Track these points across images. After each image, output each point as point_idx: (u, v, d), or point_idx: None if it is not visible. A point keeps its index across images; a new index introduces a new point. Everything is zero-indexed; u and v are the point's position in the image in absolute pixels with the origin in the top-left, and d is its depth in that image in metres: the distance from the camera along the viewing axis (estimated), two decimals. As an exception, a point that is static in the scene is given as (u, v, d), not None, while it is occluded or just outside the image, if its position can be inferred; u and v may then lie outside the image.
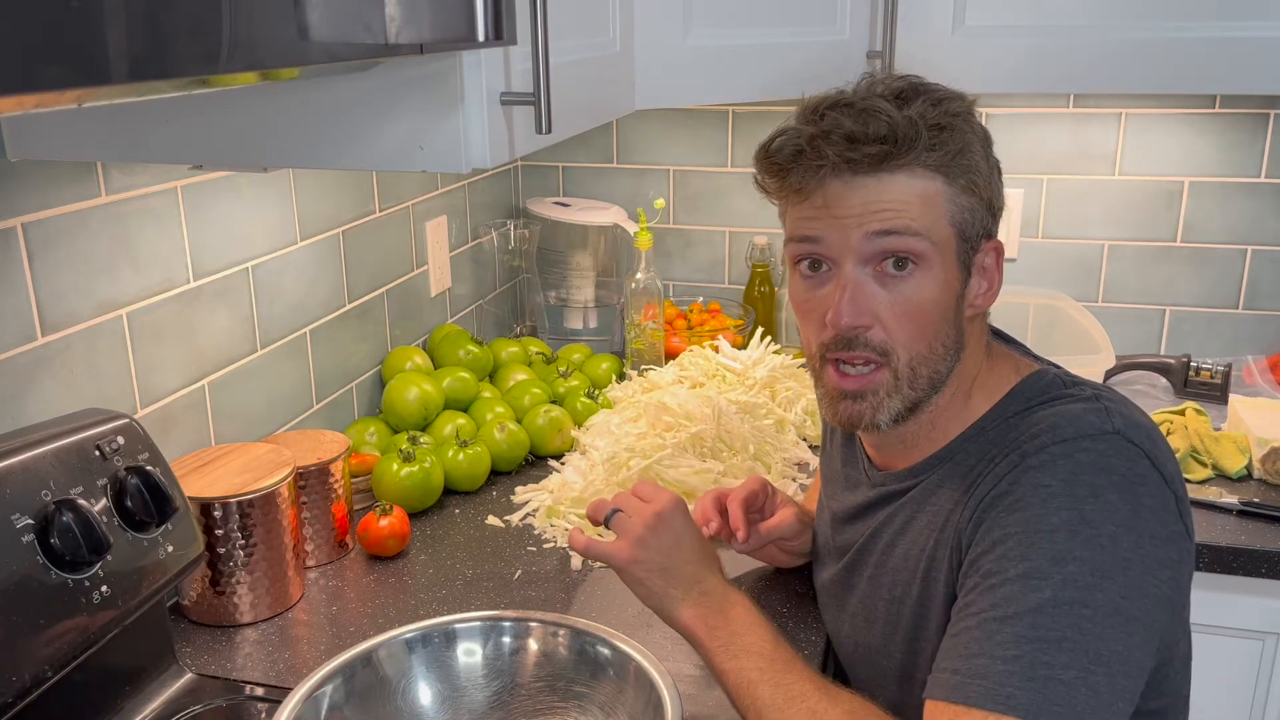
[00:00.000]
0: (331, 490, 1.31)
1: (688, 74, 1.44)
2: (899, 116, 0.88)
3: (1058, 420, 0.87)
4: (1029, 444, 0.86)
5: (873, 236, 0.89)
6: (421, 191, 1.79)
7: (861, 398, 0.93)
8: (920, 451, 0.98)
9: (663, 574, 0.99)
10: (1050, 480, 0.83)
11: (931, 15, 1.59)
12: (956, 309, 0.93)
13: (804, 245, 0.93)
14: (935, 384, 0.93)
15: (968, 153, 0.90)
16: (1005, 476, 0.86)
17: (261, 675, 1.10)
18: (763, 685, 0.90)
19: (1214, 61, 1.51)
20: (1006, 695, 0.77)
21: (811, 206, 0.91)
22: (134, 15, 0.48)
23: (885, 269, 0.90)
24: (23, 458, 0.87)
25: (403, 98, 0.92)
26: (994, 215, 0.95)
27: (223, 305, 1.33)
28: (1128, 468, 0.83)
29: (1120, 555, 0.80)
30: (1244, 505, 1.44)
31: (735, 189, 2.11)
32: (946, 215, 0.90)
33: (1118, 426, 0.85)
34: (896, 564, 0.98)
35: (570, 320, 2.07)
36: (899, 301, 0.90)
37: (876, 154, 0.88)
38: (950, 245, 0.91)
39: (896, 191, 0.89)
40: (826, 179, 0.89)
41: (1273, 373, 1.85)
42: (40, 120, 1.00)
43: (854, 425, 0.96)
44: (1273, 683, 1.46)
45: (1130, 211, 1.94)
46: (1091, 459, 0.83)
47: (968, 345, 0.95)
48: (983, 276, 0.95)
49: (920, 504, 0.97)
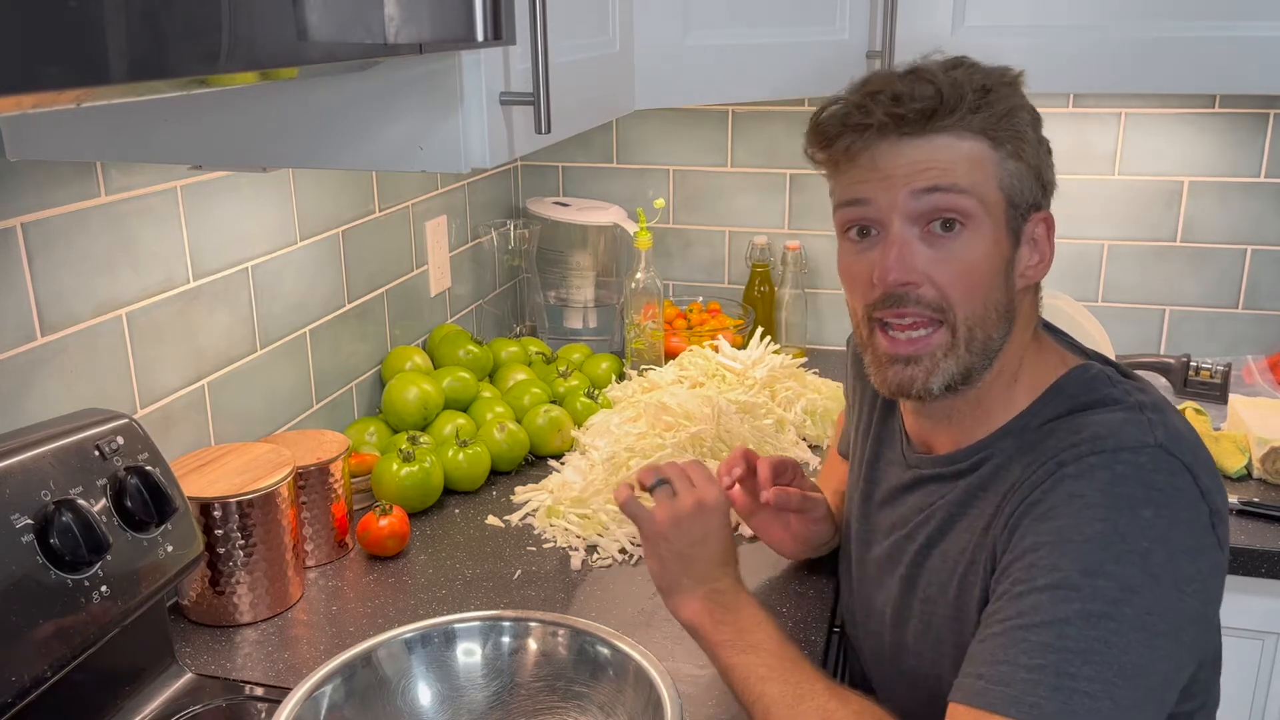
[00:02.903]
0: (331, 490, 1.31)
1: (687, 74, 1.44)
2: (945, 78, 0.89)
3: (1099, 430, 0.86)
4: (1067, 453, 0.85)
5: (920, 194, 0.89)
6: (421, 191, 1.79)
7: (916, 361, 0.92)
8: (963, 435, 0.97)
9: (681, 560, 0.99)
10: (1086, 491, 0.82)
11: (931, 15, 1.59)
12: (1006, 275, 0.92)
13: (852, 209, 0.93)
14: (989, 351, 0.92)
15: (1014, 118, 0.90)
16: (1041, 484, 0.85)
17: (261, 675, 1.10)
18: (772, 681, 0.90)
19: (1214, 61, 1.51)
20: (1030, 704, 0.77)
21: (860, 170, 0.91)
22: (133, 15, 0.48)
23: (932, 229, 0.90)
24: (22, 458, 0.87)
25: (402, 98, 0.92)
26: (1044, 188, 0.94)
27: (222, 305, 1.33)
28: (1166, 482, 0.82)
29: (1150, 571, 0.79)
30: (1244, 505, 1.44)
31: (735, 189, 2.11)
32: (995, 179, 0.90)
33: (1159, 439, 0.84)
34: (934, 565, 0.97)
35: (570, 320, 2.07)
36: (948, 260, 0.89)
37: (923, 110, 0.88)
38: (999, 209, 0.90)
39: (943, 152, 0.89)
40: (873, 140, 0.90)
41: (1273, 373, 1.85)
42: (40, 120, 1.00)
43: (904, 392, 0.94)
44: (1273, 683, 1.46)
45: (1130, 211, 1.94)
46: (1130, 471, 0.82)
47: (1018, 320, 0.94)
48: (1033, 249, 0.94)
49: (961, 505, 0.95)
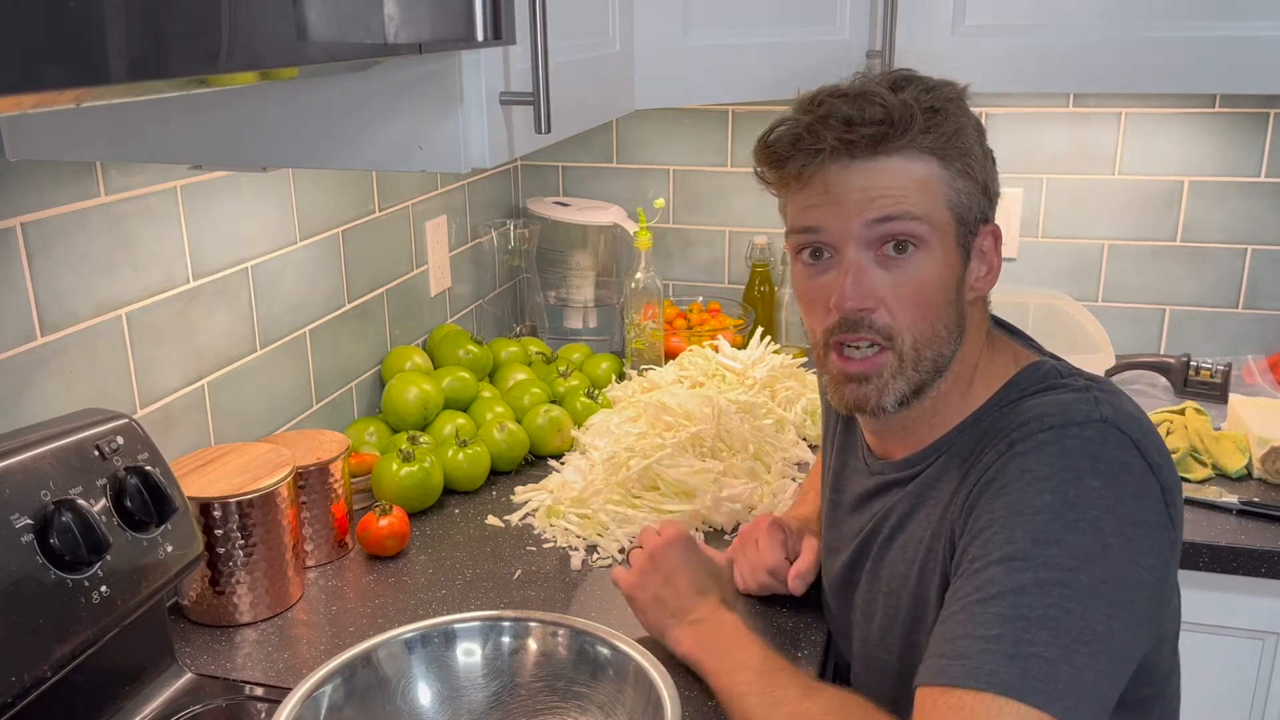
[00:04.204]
0: (331, 490, 1.31)
1: (687, 73, 1.44)
2: (894, 100, 0.89)
3: (1047, 409, 0.88)
4: (1017, 431, 0.87)
5: (873, 224, 0.90)
6: (421, 191, 1.79)
7: (867, 380, 0.94)
8: (919, 440, 0.99)
9: (658, 604, 1.08)
10: (1036, 466, 0.84)
11: (931, 15, 1.58)
12: (957, 292, 0.94)
13: (805, 235, 0.94)
14: (939, 367, 0.94)
15: (962, 136, 0.92)
16: (994, 464, 0.87)
17: (261, 675, 1.10)
18: (750, 695, 0.93)
19: (1214, 61, 1.51)
20: (988, 673, 0.76)
21: (812, 194, 0.92)
22: (133, 14, 0.48)
23: (885, 252, 0.91)
24: (22, 458, 0.87)
25: (402, 97, 0.92)
26: (990, 200, 0.96)
27: (222, 305, 1.33)
28: (1114, 455, 0.84)
29: (1103, 540, 0.80)
30: (1244, 505, 1.44)
31: (735, 189, 2.11)
32: (944, 199, 0.91)
33: (1105, 414, 0.86)
34: (894, 557, 0.99)
35: (570, 320, 2.07)
36: (901, 283, 0.91)
37: (874, 135, 0.89)
38: (949, 229, 0.92)
39: (894, 176, 0.90)
40: (825, 164, 0.91)
41: (1273, 372, 1.85)
42: (39, 120, 1.00)
43: (860, 408, 0.96)
44: (1273, 683, 1.46)
45: (1130, 211, 1.94)
46: (1078, 445, 0.84)
47: (969, 330, 0.96)
48: (981, 260, 0.96)
49: (918, 497, 0.97)
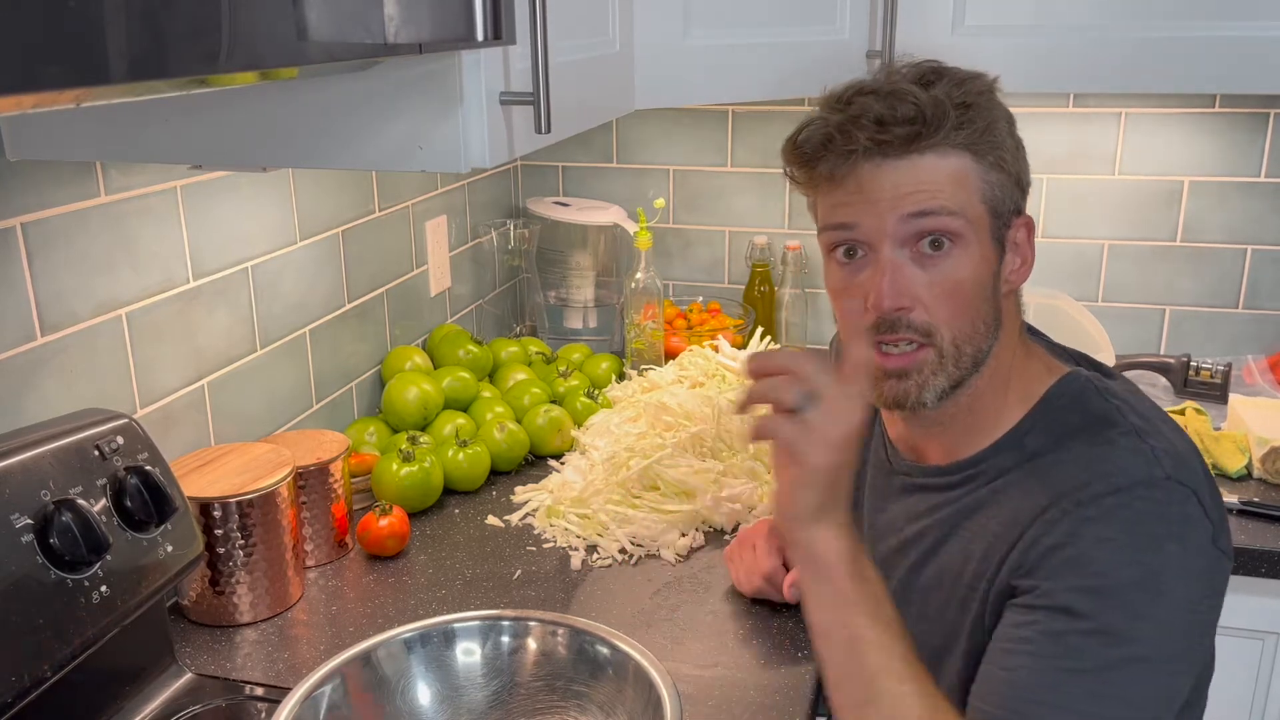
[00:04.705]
0: (331, 490, 1.31)
1: (687, 74, 1.44)
2: (925, 97, 0.88)
3: (1108, 468, 0.87)
4: (1081, 493, 0.86)
5: (908, 219, 0.89)
6: (421, 191, 1.79)
7: (906, 376, 0.93)
8: (956, 447, 0.97)
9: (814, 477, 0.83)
10: (1111, 534, 0.84)
11: (931, 15, 1.58)
12: (994, 286, 0.93)
13: (839, 233, 0.93)
14: (978, 361, 0.93)
15: (994, 129, 0.91)
16: (1060, 526, 0.86)
17: (261, 675, 1.10)
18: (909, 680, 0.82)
19: (1214, 61, 1.51)
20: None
21: (844, 192, 0.92)
22: (133, 15, 0.48)
23: (921, 249, 0.90)
24: (22, 458, 0.87)
25: (402, 97, 0.92)
26: (1023, 191, 0.95)
27: (222, 305, 1.33)
28: (1180, 513, 0.85)
29: (1177, 602, 0.82)
30: (1244, 505, 1.44)
31: (735, 189, 2.11)
32: (978, 193, 0.91)
33: (1168, 471, 0.86)
34: (928, 583, 0.97)
35: (570, 320, 2.07)
36: (938, 281, 0.90)
37: (906, 135, 0.88)
38: (984, 222, 0.91)
39: (928, 172, 0.89)
40: (858, 164, 0.90)
41: (1273, 372, 1.85)
42: (39, 120, 1.00)
43: (899, 404, 0.95)
44: (1273, 683, 1.46)
45: (1130, 211, 1.94)
46: (1149, 508, 0.85)
47: (1005, 323, 0.95)
48: (1015, 253, 0.95)
49: (955, 526, 0.96)
